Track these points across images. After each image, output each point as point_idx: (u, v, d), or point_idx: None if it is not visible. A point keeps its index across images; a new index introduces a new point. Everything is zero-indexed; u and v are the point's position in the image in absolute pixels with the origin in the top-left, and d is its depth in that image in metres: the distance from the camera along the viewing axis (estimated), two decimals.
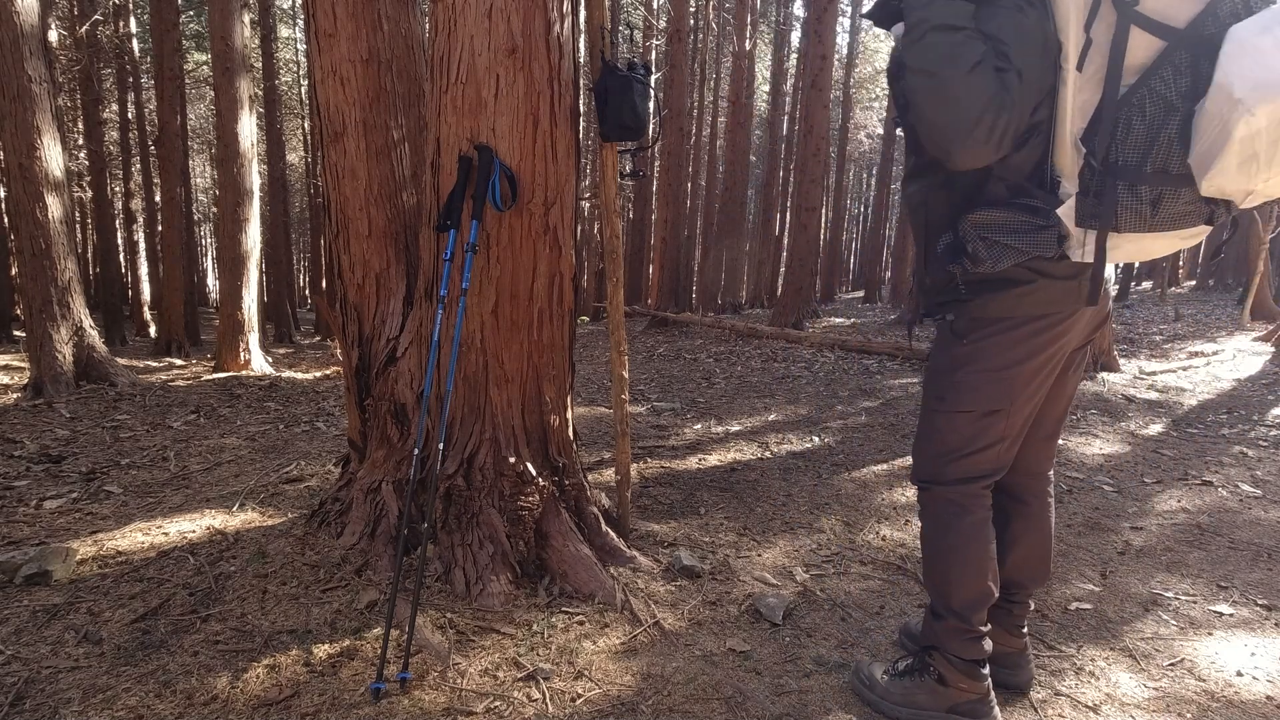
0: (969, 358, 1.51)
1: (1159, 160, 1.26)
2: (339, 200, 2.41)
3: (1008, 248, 1.40)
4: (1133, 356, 7.01)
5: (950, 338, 1.54)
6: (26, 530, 2.59)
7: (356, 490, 2.39)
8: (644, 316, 12.51)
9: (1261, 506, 3.11)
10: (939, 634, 1.58)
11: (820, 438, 4.13)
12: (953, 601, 1.55)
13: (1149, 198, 1.28)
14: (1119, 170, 1.28)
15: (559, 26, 2.00)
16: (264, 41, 15.00)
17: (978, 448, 1.53)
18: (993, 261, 1.40)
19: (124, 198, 16.55)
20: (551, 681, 1.70)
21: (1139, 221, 1.30)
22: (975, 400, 1.51)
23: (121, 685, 1.63)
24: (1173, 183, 1.28)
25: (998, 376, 1.49)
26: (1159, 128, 1.24)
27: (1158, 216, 1.29)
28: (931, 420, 1.59)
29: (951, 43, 1.27)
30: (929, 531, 1.61)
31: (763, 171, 21.88)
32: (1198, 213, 1.30)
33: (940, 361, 1.57)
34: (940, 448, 1.57)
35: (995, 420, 1.51)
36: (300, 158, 22.59)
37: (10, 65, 5.03)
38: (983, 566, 1.54)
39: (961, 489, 1.56)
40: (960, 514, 1.55)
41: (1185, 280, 19.11)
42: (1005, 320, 1.46)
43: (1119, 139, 1.28)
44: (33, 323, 5.33)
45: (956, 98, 1.26)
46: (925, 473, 1.61)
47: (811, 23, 10.73)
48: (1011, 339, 1.46)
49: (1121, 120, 1.27)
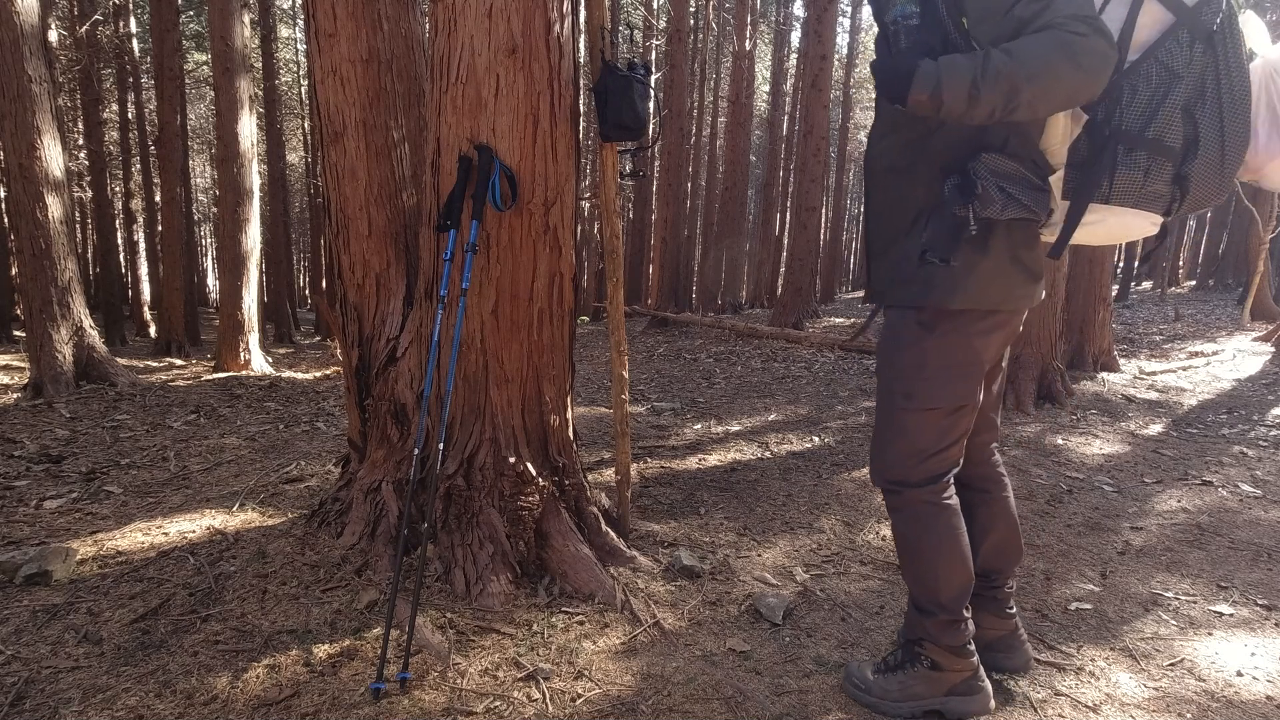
0: (938, 352, 1.51)
1: (1159, 129, 1.33)
2: (339, 200, 2.41)
3: (1013, 199, 1.40)
4: (1133, 356, 7.00)
5: (916, 330, 1.52)
6: (26, 530, 2.59)
7: (356, 490, 2.39)
8: (644, 316, 12.51)
9: (1261, 506, 3.11)
10: (929, 629, 1.59)
11: (820, 438, 4.13)
12: (941, 597, 1.56)
13: (1143, 166, 1.34)
14: (1120, 134, 1.34)
15: (559, 26, 2.00)
16: (264, 41, 15.00)
17: (946, 444, 1.55)
18: (1001, 205, 1.40)
19: (124, 198, 16.54)
20: (551, 681, 1.70)
21: (1131, 190, 1.35)
22: (946, 396, 1.52)
23: (121, 685, 1.63)
24: (1164, 155, 1.33)
25: (965, 372, 1.51)
26: (1163, 96, 1.31)
27: (1146, 189, 1.35)
28: (898, 420, 1.57)
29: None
30: (908, 533, 1.60)
31: (763, 171, 21.88)
32: (1167, 197, 1.38)
33: (906, 357, 1.55)
34: (910, 448, 1.56)
35: (962, 415, 1.54)
36: (300, 158, 22.58)
37: (10, 65, 5.02)
38: (964, 557, 1.57)
39: (933, 488, 1.56)
40: (938, 512, 1.56)
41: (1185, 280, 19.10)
42: (971, 312, 1.48)
43: (1124, 105, 1.34)
44: (33, 323, 5.32)
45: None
46: (894, 474, 1.59)
47: (811, 23, 10.73)
48: (977, 330, 1.49)
49: (1126, 87, 1.34)
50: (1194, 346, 7.64)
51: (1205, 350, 7.32)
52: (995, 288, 1.47)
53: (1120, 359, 6.35)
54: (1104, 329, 6.03)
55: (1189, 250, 21.01)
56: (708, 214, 19.22)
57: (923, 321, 1.51)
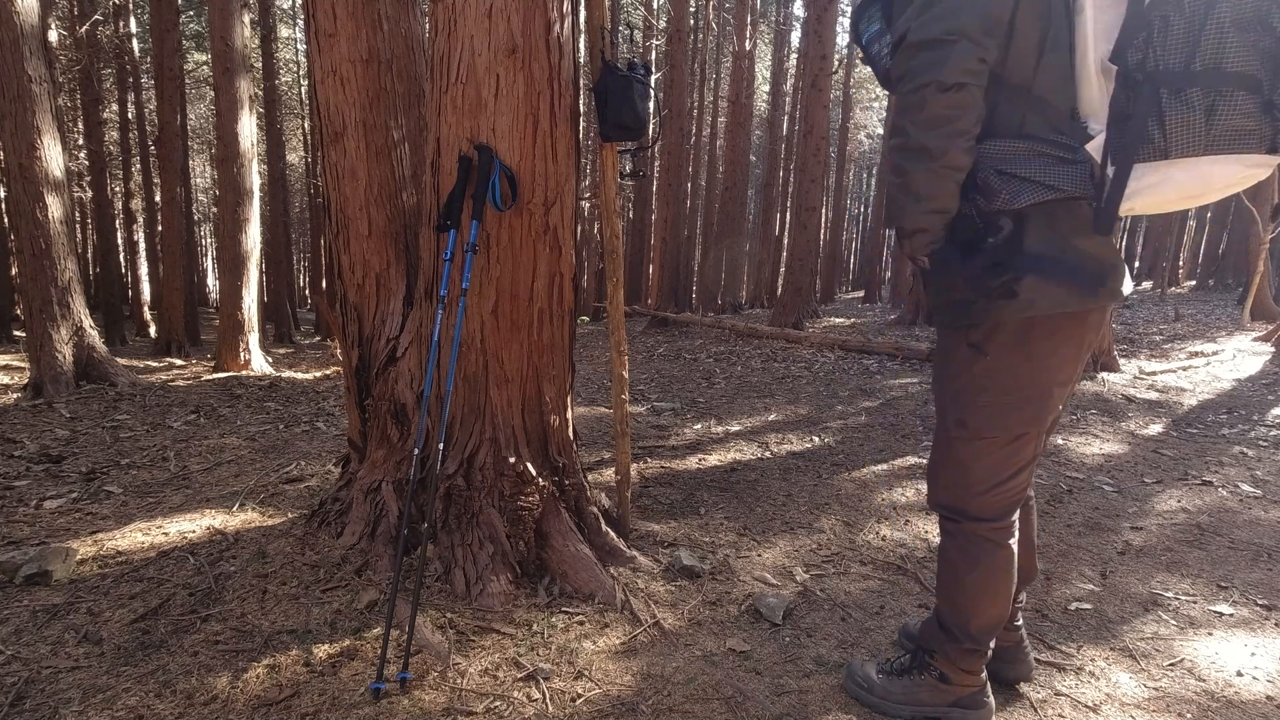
0: (993, 377, 1.36)
1: (1209, 55, 1.07)
2: (339, 200, 2.41)
3: (1026, 181, 1.26)
4: (1133, 356, 7.00)
5: (966, 353, 1.38)
6: (26, 530, 2.59)
7: (356, 490, 2.39)
8: (644, 316, 12.51)
9: (1261, 506, 3.11)
10: (948, 650, 1.55)
11: (820, 438, 4.13)
12: (971, 627, 1.51)
13: (1201, 104, 1.08)
14: (1159, 76, 1.10)
15: (559, 26, 2.00)
16: (264, 41, 15.00)
17: (1007, 475, 1.41)
18: (1009, 195, 1.26)
19: (124, 198, 16.55)
20: (551, 681, 1.69)
21: (1192, 135, 1.09)
22: (1003, 425, 1.37)
23: (121, 685, 1.63)
24: (1230, 83, 1.07)
25: (1027, 397, 1.35)
26: (1204, 16, 1.07)
27: (1214, 130, 1.08)
28: (951, 449, 1.44)
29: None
30: (955, 561, 1.50)
31: (763, 171, 21.89)
32: (1260, 133, 1.09)
33: (957, 383, 1.41)
34: (965, 479, 1.43)
35: (1024, 444, 1.39)
36: (300, 158, 22.59)
37: (10, 65, 5.03)
38: (1006, 595, 1.49)
39: (992, 524, 1.45)
40: (993, 550, 1.46)
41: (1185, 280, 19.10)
42: (1028, 323, 1.30)
43: (1156, 42, 1.11)
44: (33, 323, 5.33)
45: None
46: (949, 502, 1.49)
47: (811, 23, 10.73)
48: (1038, 344, 1.32)
49: (1157, 20, 1.10)
50: (1194, 346, 7.64)
51: (1205, 350, 7.32)
52: (1051, 287, 1.28)
53: (1120, 359, 6.35)
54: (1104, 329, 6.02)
55: (1189, 250, 21.01)
56: (708, 214, 19.23)
57: (973, 341, 1.36)
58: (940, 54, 1.22)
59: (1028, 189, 1.26)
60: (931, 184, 1.29)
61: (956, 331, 1.40)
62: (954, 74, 1.22)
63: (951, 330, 1.42)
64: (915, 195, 1.31)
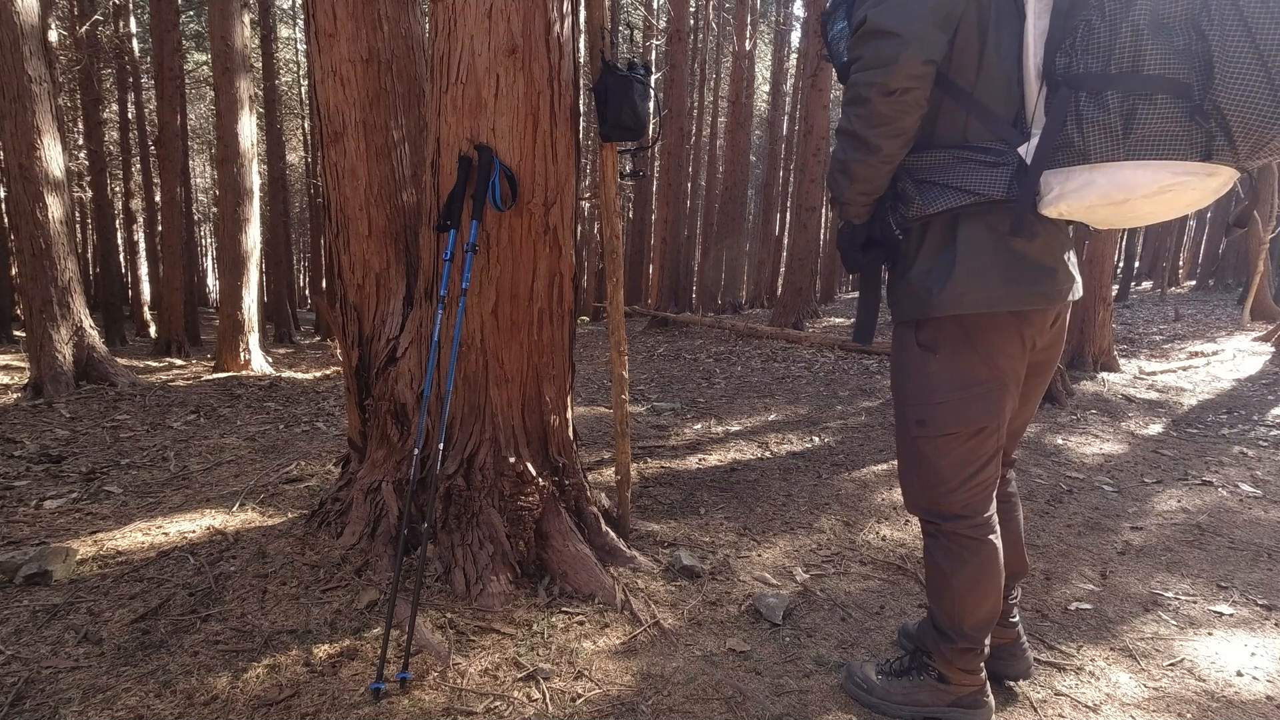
0: (945, 372, 1.38)
1: (1125, 59, 1.07)
2: (339, 200, 2.41)
3: (944, 187, 1.29)
4: (1133, 356, 7.00)
5: (917, 351, 1.41)
6: (26, 530, 2.59)
7: (356, 490, 2.39)
8: (644, 316, 12.51)
9: (1261, 506, 3.11)
10: (943, 650, 1.55)
11: (820, 438, 4.13)
12: (965, 626, 1.51)
13: (1118, 108, 1.08)
14: (1080, 79, 1.11)
15: (559, 26, 2.00)
16: (264, 41, 15.01)
17: (974, 469, 1.43)
18: (923, 202, 1.31)
19: (124, 198, 16.56)
20: (551, 681, 1.70)
21: (1109, 139, 1.09)
22: (962, 420, 1.38)
23: (121, 685, 1.63)
24: (1149, 87, 1.05)
25: (982, 391, 1.37)
26: (1121, 18, 1.07)
27: (1135, 134, 1.07)
28: (916, 449, 1.46)
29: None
30: (940, 564, 1.50)
31: (763, 171, 21.87)
32: (1189, 139, 1.05)
33: (913, 381, 1.44)
34: (933, 476, 1.45)
35: (985, 438, 1.41)
36: (300, 158, 22.59)
37: (10, 65, 5.03)
38: (996, 593, 1.50)
39: (970, 521, 1.45)
40: (976, 548, 1.46)
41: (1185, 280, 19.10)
42: (970, 319, 1.34)
43: (1080, 45, 1.12)
44: (33, 323, 5.33)
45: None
46: (925, 504, 1.50)
47: (811, 23, 10.74)
48: (984, 339, 1.35)
49: (1081, 25, 1.12)
50: (1194, 346, 7.64)
51: (1205, 350, 7.32)
52: (990, 286, 1.31)
53: (1120, 359, 6.35)
54: (1104, 329, 6.03)
55: (1189, 250, 21.01)
56: (708, 214, 19.23)
57: (923, 341, 1.40)
58: (890, 52, 1.23)
59: (946, 195, 1.31)
60: (865, 171, 1.38)
61: (906, 329, 1.45)
62: (900, 80, 1.24)
63: (901, 326, 1.47)
64: (851, 176, 1.40)
